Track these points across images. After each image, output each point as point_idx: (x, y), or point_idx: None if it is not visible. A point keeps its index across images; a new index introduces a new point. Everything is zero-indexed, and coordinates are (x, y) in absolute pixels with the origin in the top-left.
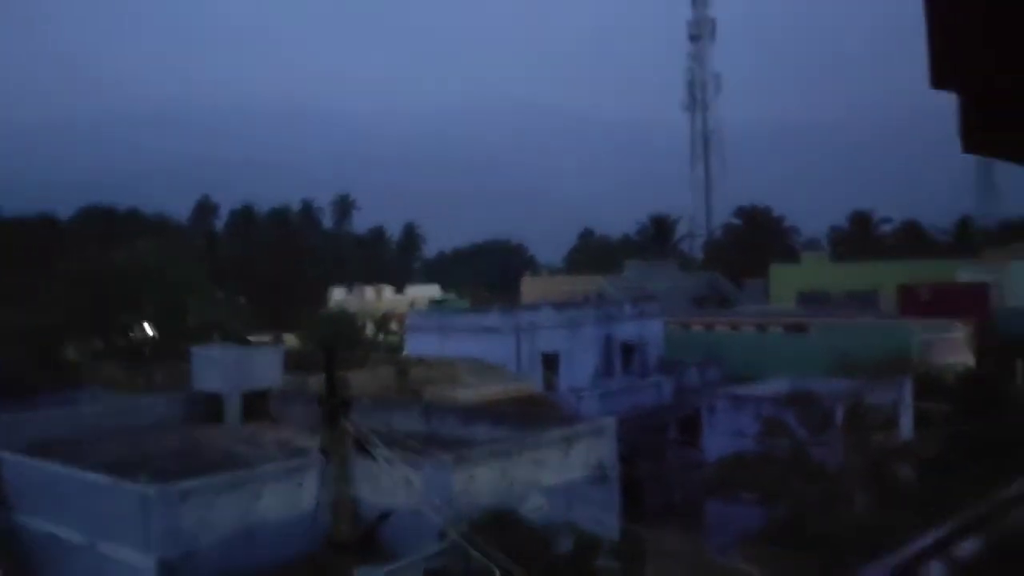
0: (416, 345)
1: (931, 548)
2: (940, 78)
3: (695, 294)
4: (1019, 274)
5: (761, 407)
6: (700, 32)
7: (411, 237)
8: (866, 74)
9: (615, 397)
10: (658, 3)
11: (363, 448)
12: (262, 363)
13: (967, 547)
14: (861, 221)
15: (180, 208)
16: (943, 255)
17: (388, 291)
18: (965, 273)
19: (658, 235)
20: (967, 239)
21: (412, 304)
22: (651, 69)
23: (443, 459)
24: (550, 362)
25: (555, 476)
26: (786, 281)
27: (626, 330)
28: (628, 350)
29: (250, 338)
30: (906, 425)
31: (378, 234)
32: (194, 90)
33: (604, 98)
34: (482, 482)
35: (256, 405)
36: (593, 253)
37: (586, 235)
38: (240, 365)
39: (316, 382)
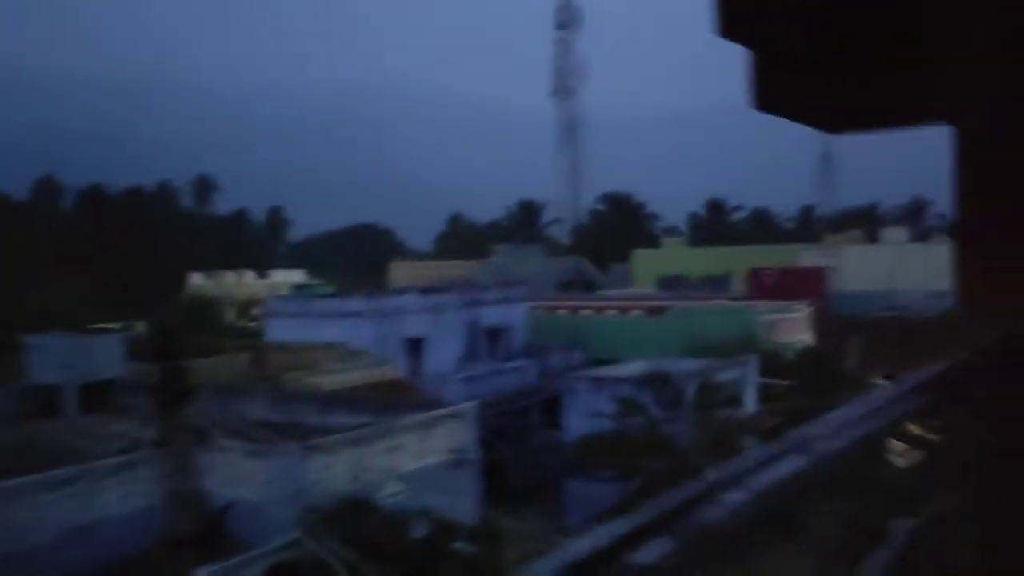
0: (278, 331)
1: (605, 552)
2: (727, 28)
3: (562, 279)
4: (853, 258)
5: (619, 388)
6: (566, 19)
7: (276, 220)
8: (729, 65)
9: (479, 381)
10: None
11: (206, 439)
12: (103, 352)
13: (652, 549)
14: (716, 208)
15: (18, 186)
16: (789, 240)
17: (250, 276)
18: (806, 257)
19: (526, 220)
20: (809, 225)
21: (275, 289)
22: (526, 55)
23: (292, 448)
24: (415, 347)
25: (413, 462)
26: (648, 266)
27: (492, 315)
28: (493, 335)
29: (99, 326)
30: (751, 400)
31: (240, 217)
32: (37, 56)
33: (482, 82)
34: (336, 470)
35: (98, 396)
36: (462, 238)
37: (455, 220)
38: (79, 355)
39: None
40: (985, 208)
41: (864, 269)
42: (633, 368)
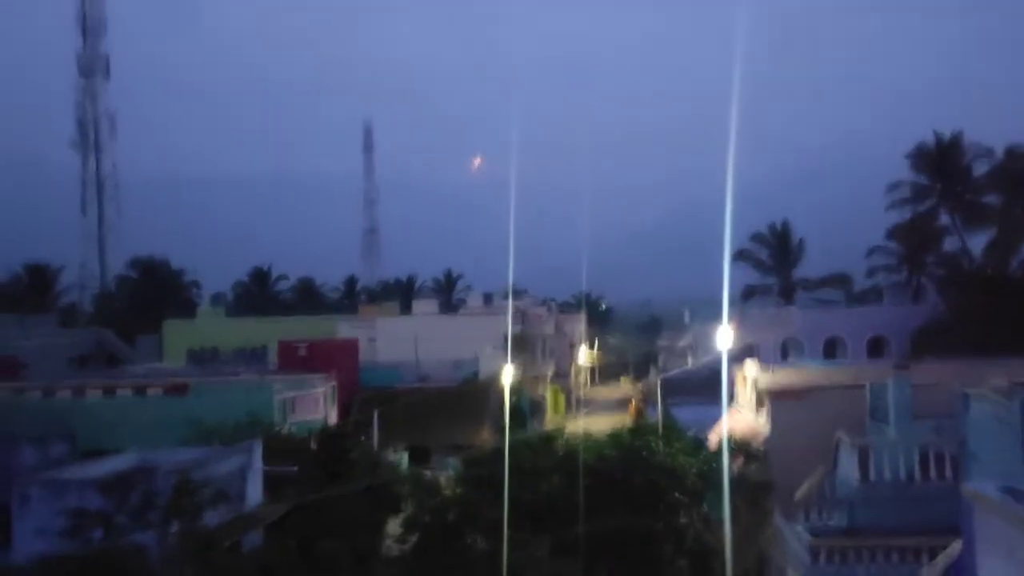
0: None
1: None
2: None
3: (79, 352)
4: (387, 329)
5: (85, 494)
6: (92, 68)
7: None
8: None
9: None
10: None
11: None
12: None
13: None
14: (260, 277)
15: None
16: (333, 312)
17: None
18: (343, 328)
19: (36, 286)
20: (353, 297)
21: None
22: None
23: None
24: None
25: None
26: (180, 337)
27: None
28: None
29: None
30: (254, 493)
31: None
32: None
33: None
34: None
35: None
36: None
37: None
38: None
39: None
40: None
41: (397, 340)
42: (117, 463)
